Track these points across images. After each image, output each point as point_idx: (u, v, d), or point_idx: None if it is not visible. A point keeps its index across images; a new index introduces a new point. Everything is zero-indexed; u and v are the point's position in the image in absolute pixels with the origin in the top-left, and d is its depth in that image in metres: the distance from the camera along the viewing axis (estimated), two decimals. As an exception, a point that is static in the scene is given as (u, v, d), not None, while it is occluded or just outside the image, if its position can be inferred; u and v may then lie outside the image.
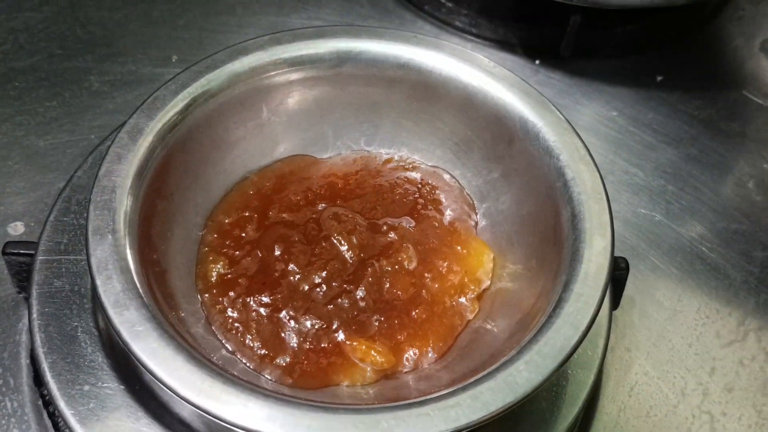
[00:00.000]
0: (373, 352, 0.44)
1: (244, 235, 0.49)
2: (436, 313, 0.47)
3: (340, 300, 0.46)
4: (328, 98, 0.53)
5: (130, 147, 0.45)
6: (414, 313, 0.46)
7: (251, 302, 0.46)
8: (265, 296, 0.46)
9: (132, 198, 0.43)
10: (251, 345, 0.45)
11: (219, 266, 0.48)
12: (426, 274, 0.48)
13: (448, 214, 0.51)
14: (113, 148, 0.44)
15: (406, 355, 0.45)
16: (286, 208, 0.50)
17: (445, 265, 0.48)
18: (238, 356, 0.45)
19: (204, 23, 0.72)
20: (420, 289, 0.47)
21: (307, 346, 0.45)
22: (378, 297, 0.46)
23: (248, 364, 0.44)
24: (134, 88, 0.66)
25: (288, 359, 0.44)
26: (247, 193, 0.51)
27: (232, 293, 0.46)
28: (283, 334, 0.45)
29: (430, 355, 0.46)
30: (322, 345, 0.45)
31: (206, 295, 0.47)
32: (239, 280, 0.47)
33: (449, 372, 0.44)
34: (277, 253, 0.47)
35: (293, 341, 0.45)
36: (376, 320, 0.46)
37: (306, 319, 0.45)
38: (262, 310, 0.45)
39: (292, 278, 0.46)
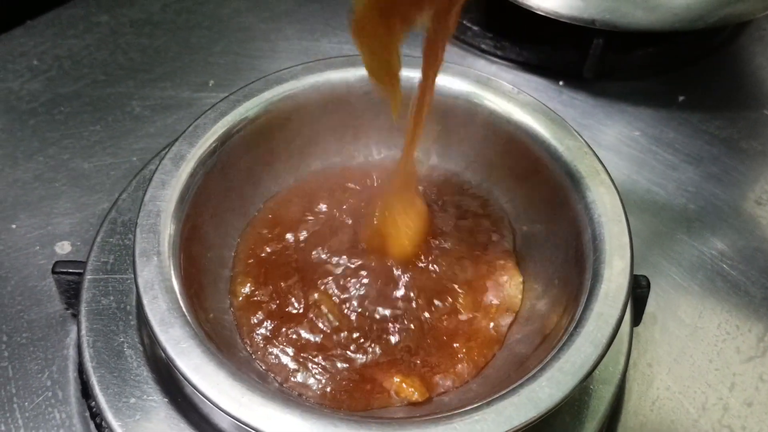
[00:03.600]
0: (404, 384, 0.46)
1: (271, 257, 0.51)
2: (470, 341, 0.48)
3: (373, 331, 0.48)
4: (360, 122, 0.56)
5: (173, 173, 0.47)
6: (445, 337, 0.48)
7: (281, 331, 0.48)
8: (294, 327, 0.48)
9: (175, 221, 0.46)
10: (282, 368, 0.47)
11: (246, 289, 0.50)
12: (460, 300, 0.50)
13: (487, 238, 0.53)
14: (157, 174, 0.47)
15: (439, 383, 0.47)
16: (314, 235, 0.52)
17: (481, 294, 0.50)
18: (270, 374, 0.47)
19: (239, 49, 0.75)
20: (455, 317, 0.49)
21: (340, 380, 0.46)
22: (412, 327, 0.48)
23: (281, 384, 0.46)
24: (174, 112, 0.69)
25: (320, 390, 0.46)
26: (274, 214, 0.54)
27: (260, 317, 0.49)
28: (313, 368, 0.47)
29: (462, 378, 0.47)
30: (355, 379, 0.46)
31: (238, 313, 0.49)
32: (269, 306, 0.49)
33: (478, 388, 0.46)
34: (303, 283, 0.49)
35: (325, 376, 0.47)
36: (410, 350, 0.47)
37: (339, 354, 0.47)
38: (291, 340, 0.48)
39: (320, 306, 0.48)
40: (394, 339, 0.48)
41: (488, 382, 0.46)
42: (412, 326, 0.48)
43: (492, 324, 0.49)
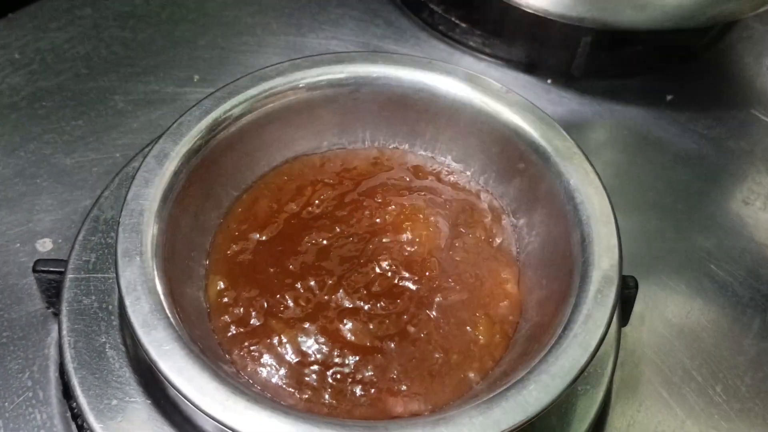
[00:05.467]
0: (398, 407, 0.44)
1: (237, 256, 0.50)
2: (469, 357, 0.46)
3: (362, 356, 0.45)
4: (346, 119, 0.55)
5: (156, 171, 0.47)
6: (442, 357, 0.46)
7: (244, 344, 0.46)
8: (255, 344, 0.46)
9: (158, 220, 0.45)
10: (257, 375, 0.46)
11: (220, 287, 0.49)
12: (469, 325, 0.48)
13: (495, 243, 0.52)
14: (141, 172, 0.46)
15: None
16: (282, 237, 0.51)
17: (481, 312, 0.48)
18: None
19: (224, 43, 0.74)
20: (454, 333, 0.47)
21: (326, 387, 0.45)
22: (407, 349, 0.46)
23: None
24: (157, 107, 0.68)
25: (301, 398, 0.44)
26: (249, 208, 0.52)
27: (227, 320, 0.47)
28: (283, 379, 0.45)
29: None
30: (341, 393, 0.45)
31: (212, 313, 0.48)
32: (233, 312, 0.47)
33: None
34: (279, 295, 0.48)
35: (304, 384, 0.45)
36: (405, 376, 0.45)
37: (321, 364, 0.45)
38: (253, 356, 0.46)
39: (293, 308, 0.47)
40: (388, 362, 0.46)
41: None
42: (407, 349, 0.46)
43: (494, 337, 0.47)
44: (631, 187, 0.66)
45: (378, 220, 0.51)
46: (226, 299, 0.48)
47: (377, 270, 0.48)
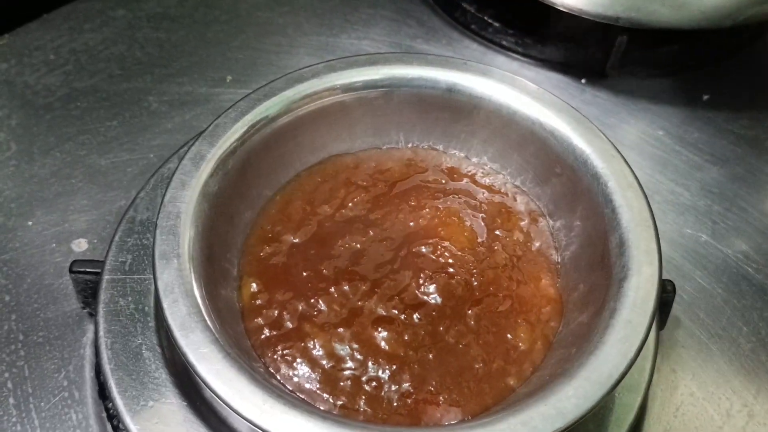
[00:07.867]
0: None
1: (270, 258, 0.50)
2: (509, 364, 0.46)
3: (396, 367, 0.45)
4: (381, 120, 0.55)
5: (192, 173, 0.47)
6: (481, 367, 0.46)
7: (276, 348, 0.46)
8: (289, 348, 0.46)
9: (195, 223, 0.45)
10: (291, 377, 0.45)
11: (254, 290, 0.48)
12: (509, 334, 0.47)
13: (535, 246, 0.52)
14: (177, 174, 0.46)
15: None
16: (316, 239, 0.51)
17: (521, 319, 0.48)
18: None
19: (257, 44, 0.74)
20: (496, 341, 0.46)
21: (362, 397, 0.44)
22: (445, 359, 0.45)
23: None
24: (191, 108, 0.68)
25: (335, 404, 0.44)
26: (282, 210, 0.52)
27: (260, 322, 0.47)
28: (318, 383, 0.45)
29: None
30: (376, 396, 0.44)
31: (246, 315, 0.48)
32: (267, 314, 0.47)
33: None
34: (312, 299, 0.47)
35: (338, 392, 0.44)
36: (443, 387, 0.44)
37: (361, 371, 0.45)
38: (286, 360, 0.45)
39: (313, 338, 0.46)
40: (424, 372, 0.45)
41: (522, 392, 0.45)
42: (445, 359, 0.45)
43: (535, 344, 0.47)
44: (666, 189, 0.65)
45: (412, 224, 0.51)
46: (259, 301, 0.48)
47: (411, 276, 0.48)
